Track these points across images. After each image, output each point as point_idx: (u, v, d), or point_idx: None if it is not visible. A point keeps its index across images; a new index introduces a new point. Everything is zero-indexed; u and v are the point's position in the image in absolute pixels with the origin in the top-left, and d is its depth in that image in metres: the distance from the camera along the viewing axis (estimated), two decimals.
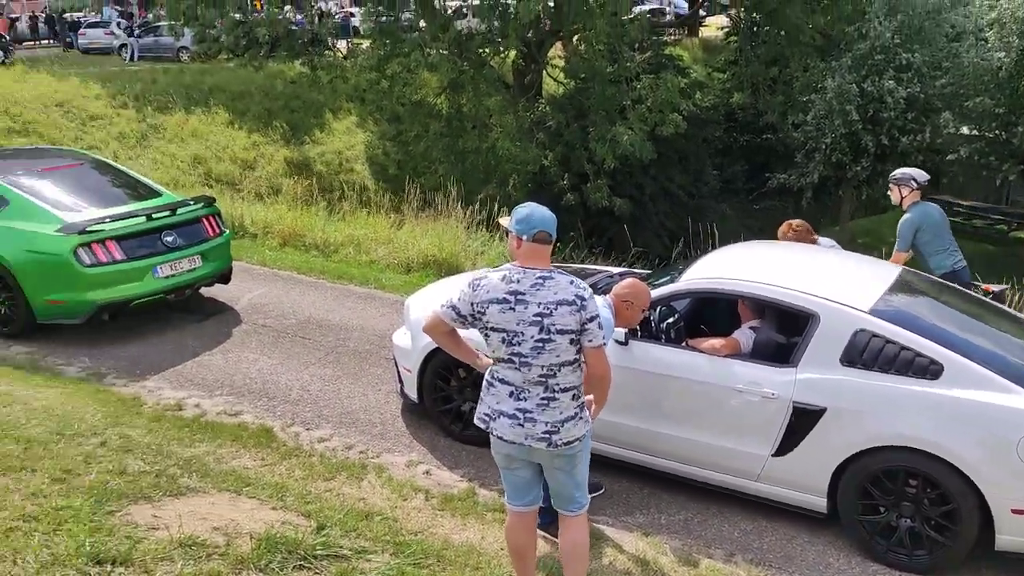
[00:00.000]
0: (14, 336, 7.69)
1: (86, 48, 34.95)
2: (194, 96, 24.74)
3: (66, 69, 26.02)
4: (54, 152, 10.37)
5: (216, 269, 8.48)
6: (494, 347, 3.63)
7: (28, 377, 6.70)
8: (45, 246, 7.41)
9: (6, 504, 4.06)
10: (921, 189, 6.82)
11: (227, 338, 7.96)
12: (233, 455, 5.56)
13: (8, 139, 19.99)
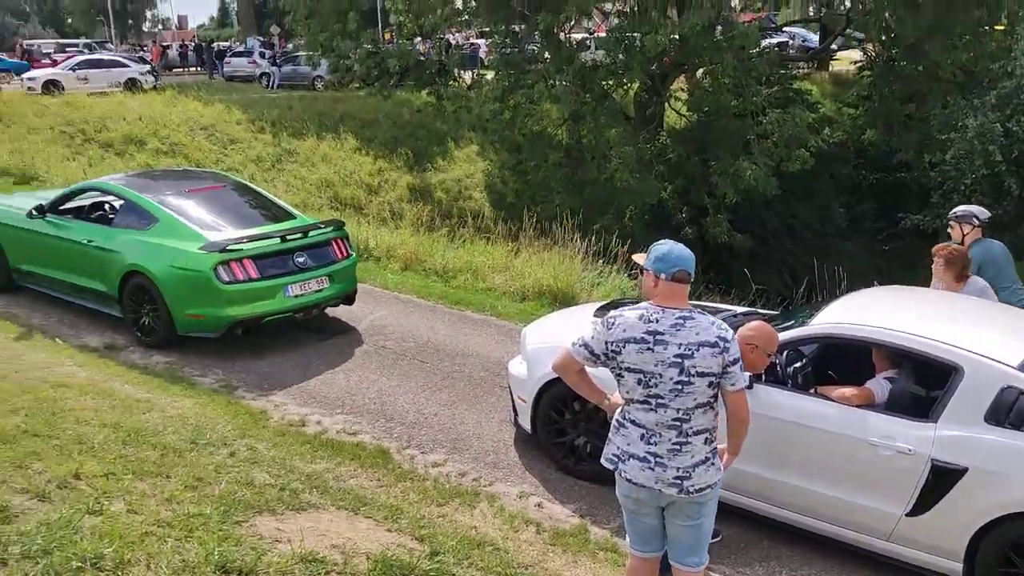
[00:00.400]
0: (156, 346, 8.14)
1: (230, 76, 37.04)
2: (326, 123, 25.82)
3: (211, 95, 27.62)
4: (199, 174, 10.99)
5: (342, 290, 8.75)
6: (628, 388, 3.54)
7: (167, 386, 7.06)
8: (189, 262, 7.82)
9: (143, 508, 4.26)
10: (982, 226, 6.60)
11: (349, 358, 8.18)
12: (351, 474, 5.67)
13: (157, 159, 21.36)
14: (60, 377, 6.67)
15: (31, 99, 25.23)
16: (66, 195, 9.31)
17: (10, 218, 9.34)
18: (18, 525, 3.53)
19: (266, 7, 54.07)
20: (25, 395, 5.84)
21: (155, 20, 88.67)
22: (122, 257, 8.18)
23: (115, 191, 8.91)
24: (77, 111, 23.52)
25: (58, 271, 8.87)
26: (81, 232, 8.66)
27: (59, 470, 4.32)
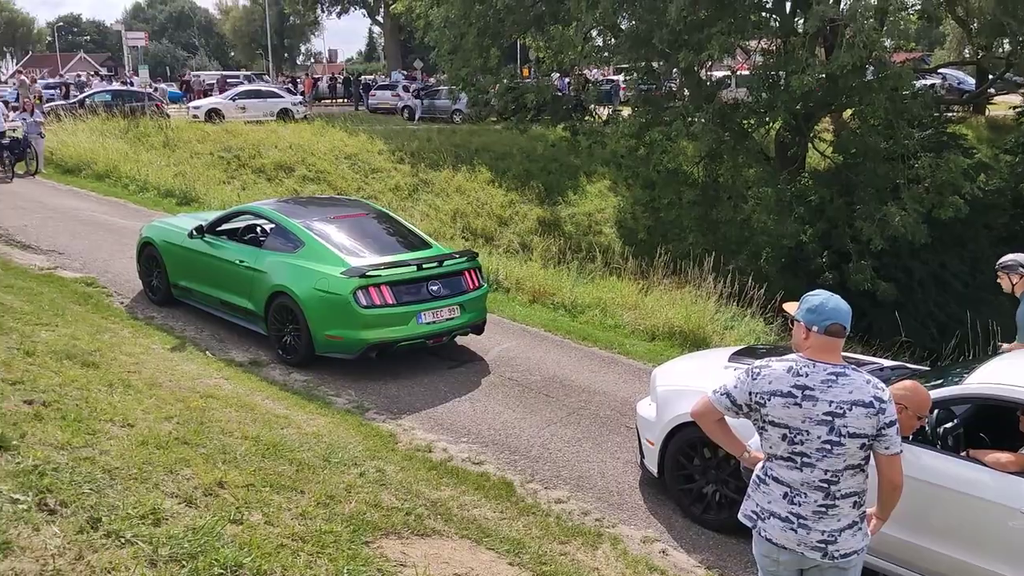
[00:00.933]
0: (296, 365, 8.50)
1: (374, 108, 38.64)
2: (461, 155, 26.49)
3: (356, 126, 28.88)
4: (344, 201, 11.48)
5: (472, 320, 8.92)
6: (771, 443, 3.41)
7: (303, 404, 7.36)
8: (330, 286, 8.18)
9: (279, 520, 4.43)
10: None
11: (475, 387, 8.29)
12: (475, 503, 5.72)
13: (303, 185, 22.46)
14: (208, 388, 7.06)
15: (195, 126, 27.08)
16: (223, 217, 9.98)
17: (173, 237, 10.04)
18: (167, 528, 3.74)
19: (411, 43, 56.17)
20: (177, 403, 6.20)
21: (308, 54, 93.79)
22: (269, 278, 8.65)
23: (267, 215, 9.45)
24: (234, 138, 25.09)
25: (211, 288, 9.46)
26: (234, 252, 9.23)
27: (205, 478, 4.55)
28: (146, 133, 24.17)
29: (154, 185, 18.34)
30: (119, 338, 8.36)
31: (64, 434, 4.63)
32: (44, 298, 9.39)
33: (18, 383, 5.45)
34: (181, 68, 77.31)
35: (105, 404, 5.56)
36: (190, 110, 30.89)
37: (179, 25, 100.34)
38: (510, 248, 20.11)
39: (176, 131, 25.21)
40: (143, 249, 10.43)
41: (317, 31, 79.09)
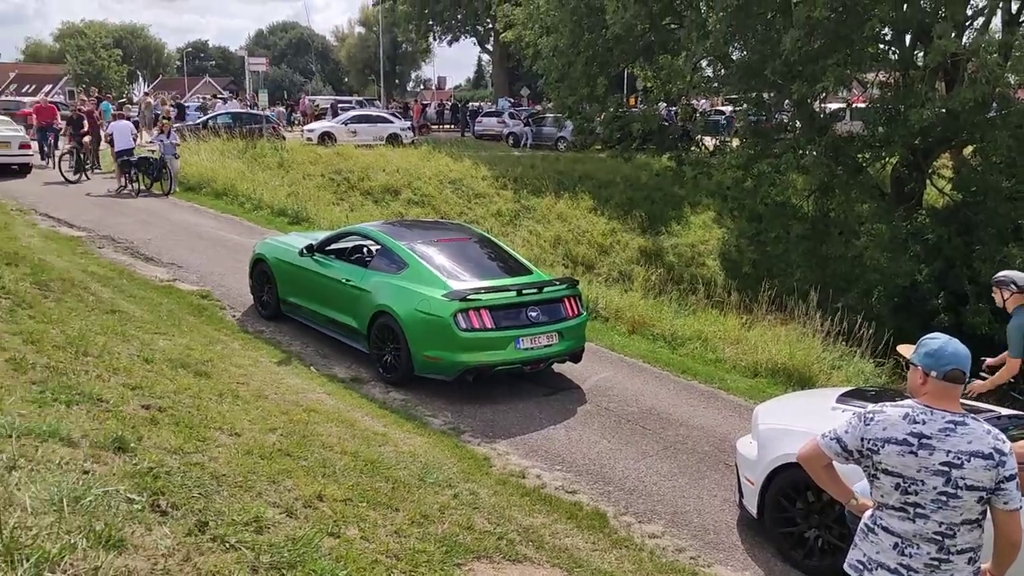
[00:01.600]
0: (395, 383, 8.65)
1: (480, 134, 39.34)
2: (564, 182, 26.62)
3: (461, 151, 29.45)
4: (448, 225, 11.73)
5: (570, 347, 8.90)
6: (883, 492, 3.25)
7: (401, 422, 7.49)
8: (431, 307, 8.33)
9: (375, 537, 4.51)
10: (1022, 292, 6.50)
11: (571, 415, 8.25)
12: (567, 532, 5.68)
13: (408, 208, 22.99)
14: (311, 402, 7.27)
15: (308, 148, 28.16)
16: (332, 237, 10.32)
17: (284, 254, 10.44)
18: (269, 536, 3.86)
19: (519, 71, 56.98)
20: (281, 416, 6.41)
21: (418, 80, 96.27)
22: (373, 297, 8.88)
23: (373, 236, 9.74)
24: (345, 161, 25.93)
25: (318, 305, 9.78)
26: (341, 271, 9.52)
27: (306, 490, 4.68)
28: (262, 154, 25.24)
29: (268, 204, 19.10)
30: (230, 350, 8.71)
31: (177, 439, 4.85)
32: (163, 308, 9.89)
33: (137, 388, 5.74)
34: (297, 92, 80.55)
35: (215, 412, 5.79)
36: (304, 133, 32.12)
37: (297, 51, 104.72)
38: (610, 277, 20.02)
39: (290, 153, 26.24)
40: (255, 265, 10.88)
41: (428, 58, 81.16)
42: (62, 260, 11.56)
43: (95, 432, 4.37)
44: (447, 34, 55.96)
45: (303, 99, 55.62)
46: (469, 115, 42.65)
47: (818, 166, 18.45)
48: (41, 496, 3.25)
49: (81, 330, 6.91)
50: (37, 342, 6.10)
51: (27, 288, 8.09)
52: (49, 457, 3.77)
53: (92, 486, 3.50)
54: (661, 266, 21.29)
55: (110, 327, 7.68)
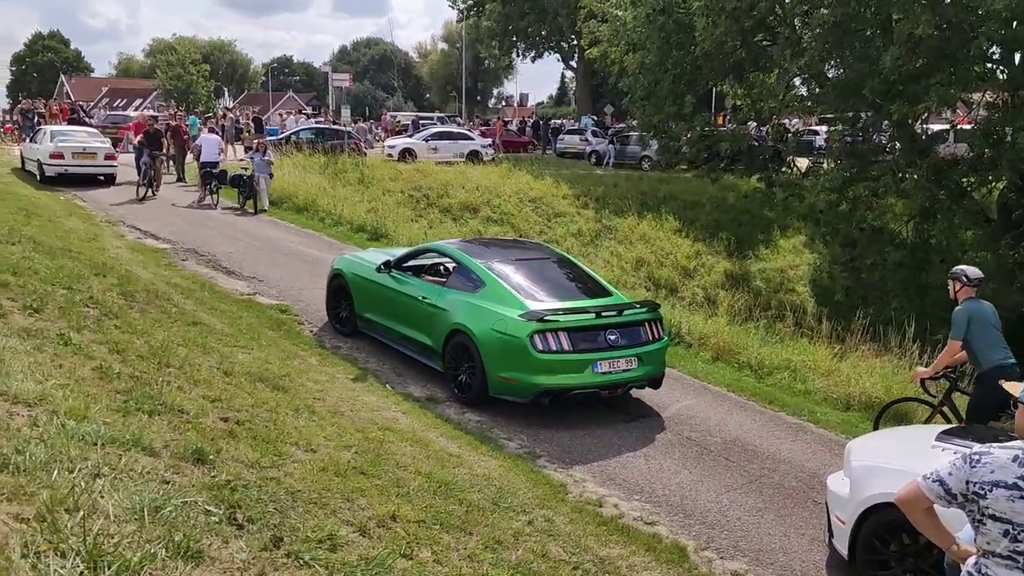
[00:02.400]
0: (470, 404, 8.70)
1: (562, 152, 39.45)
2: (648, 202, 26.44)
3: (542, 169, 29.57)
4: (526, 244, 11.83)
5: (649, 373, 8.85)
6: (990, 539, 3.11)
7: (476, 444, 7.52)
8: (508, 327, 8.39)
9: (447, 560, 4.53)
10: (973, 285, 7.48)
11: (650, 443, 8.15)
12: (644, 565, 5.60)
13: (486, 226, 23.18)
14: (386, 421, 7.37)
15: (389, 165, 28.71)
16: (410, 254, 10.56)
17: (362, 270, 10.65)
18: (342, 555, 3.91)
19: (603, 88, 57.04)
20: (357, 433, 6.52)
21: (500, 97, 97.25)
22: (449, 315, 8.99)
23: (450, 254, 9.90)
24: (425, 177, 26.33)
25: (394, 321, 9.94)
26: (417, 288, 9.68)
27: (380, 509, 4.74)
28: (343, 169, 25.85)
29: (348, 220, 19.54)
30: (307, 365, 8.92)
31: (254, 453, 4.97)
32: (243, 322, 10.20)
33: (216, 401, 5.92)
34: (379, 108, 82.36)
35: (291, 428, 5.92)
36: (385, 149, 32.78)
37: (380, 67, 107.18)
38: (694, 301, 19.75)
39: (371, 169, 26.79)
40: (333, 280, 11.11)
41: (510, 75, 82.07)
42: (147, 272, 12.04)
43: (175, 443, 4.52)
44: (531, 50, 56.42)
45: (385, 115, 56.84)
46: (551, 132, 42.81)
47: (919, 190, 17.89)
48: (123, 504, 3.37)
49: (164, 341, 7.17)
50: (122, 352, 6.35)
51: (114, 299, 8.44)
52: (131, 466, 3.91)
53: (172, 496, 3.62)
54: (748, 291, 20.91)
55: (192, 339, 7.95)
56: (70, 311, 7.05)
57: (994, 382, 6.72)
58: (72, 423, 4.21)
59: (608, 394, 8.71)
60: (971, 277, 7.50)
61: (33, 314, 6.59)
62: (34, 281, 7.78)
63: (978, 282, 7.53)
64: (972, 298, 7.46)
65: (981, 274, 7.63)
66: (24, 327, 6.08)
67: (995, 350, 7.32)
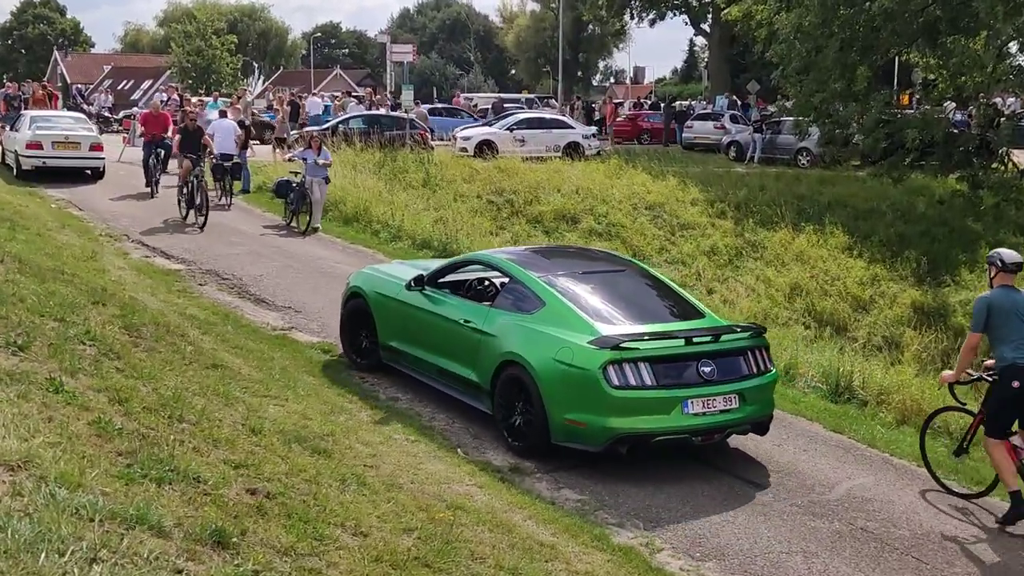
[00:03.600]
0: (525, 453, 8.93)
1: (690, 143, 39.27)
2: (807, 210, 26.11)
3: (664, 166, 29.48)
4: (596, 254, 12.18)
5: (754, 414, 9.02)
6: None
7: (575, 530, 7.48)
8: (575, 358, 8.53)
9: None
10: (1008, 271, 8.38)
11: (812, 536, 7.97)
12: None
13: (588, 240, 23.23)
14: (457, 497, 7.41)
15: (462, 162, 29.07)
16: (448, 266, 10.90)
17: (387, 288, 10.91)
18: None
19: (744, 59, 56.79)
20: (419, 512, 6.57)
21: (607, 72, 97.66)
22: (499, 343, 9.22)
23: (501, 266, 10.17)
24: (509, 178, 26.57)
25: (427, 351, 10.20)
26: (458, 310, 9.94)
27: None
28: (404, 168, 26.30)
29: (409, 233, 19.83)
30: (356, 421, 9.06)
31: (289, 536, 5.07)
32: (275, 365, 10.43)
33: (242, 467, 6.06)
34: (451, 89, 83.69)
35: (336, 503, 6.02)
36: (458, 141, 33.24)
37: (452, 36, 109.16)
38: (870, 343, 19.32)
39: (439, 167, 27.20)
40: (349, 301, 11.43)
41: (622, 43, 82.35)
42: (156, 299, 12.45)
43: (191, 520, 4.65)
44: (648, 11, 56.60)
45: (458, 97, 57.70)
46: (675, 117, 42.73)
47: None
48: None
49: (176, 389, 7.38)
50: (125, 402, 6.57)
51: (115, 334, 8.74)
52: (136, 549, 4.04)
53: None
54: (944, 329, 20.33)
55: (211, 386, 8.17)
56: (62, 349, 7.32)
57: (1007, 383, 8.15)
58: (64, 492, 4.38)
59: (702, 441, 8.90)
60: (1007, 261, 8.38)
61: (17, 352, 6.88)
62: (19, 311, 8.12)
63: (1015, 268, 8.40)
64: (1006, 286, 8.39)
65: (1020, 258, 8.46)
66: (6, 369, 6.35)
67: (1012, 347, 8.14)
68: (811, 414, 11.00)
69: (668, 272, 22.17)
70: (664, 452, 9.12)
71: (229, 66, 71.13)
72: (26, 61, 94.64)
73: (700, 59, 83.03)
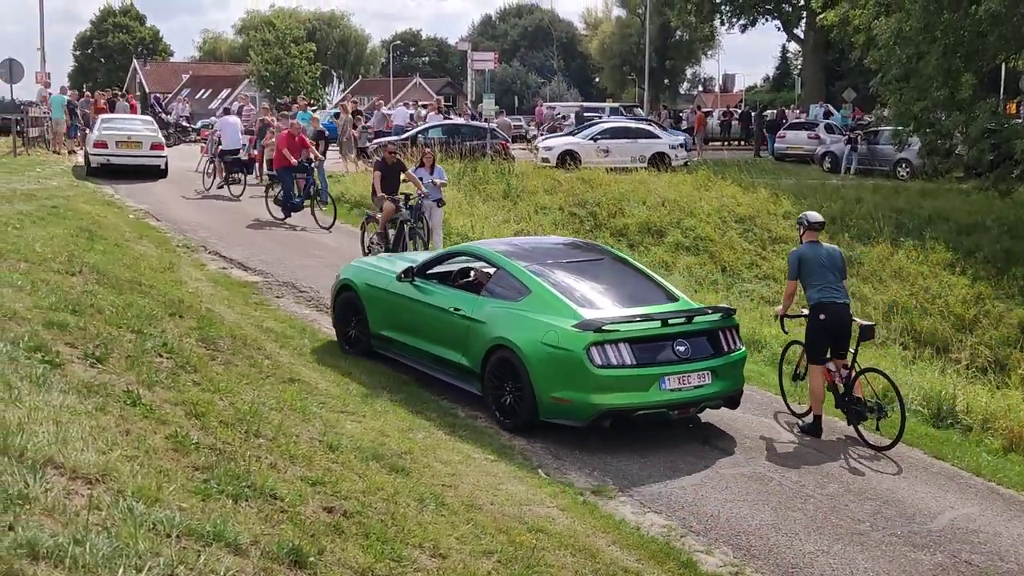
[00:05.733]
0: (515, 430, 9.82)
1: (782, 154, 38.88)
2: (906, 224, 25.72)
3: (755, 178, 29.24)
4: (578, 243, 13.58)
5: (726, 389, 10.12)
6: None
7: (661, 557, 7.38)
8: (560, 340, 9.50)
9: None
10: (813, 229, 10.73)
11: (912, 570, 7.79)
12: None
13: (675, 256, 23.13)
14: (538, 519, 7.40)
15: (544, 173, 29.17)
16: (436, 258, 12.01)
17: (377, 279, 11.89)
18: None
19: (840, 65, 56.08)
20: (499, 534, 6.58)
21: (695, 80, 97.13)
22: (488, 329, 10.19)
23: (488, 257, 11.20)
24: (592, 190, 26.59)
25: (419, 339, 11.17)
26: (448, 299, 10.92)
27: None
28: (484, 180, 26.46)
29: None
30: (435, 439, 9.12)
31: (366, 556, 5.11)
32: (353, 380, 10.58)
33: (318, 484, 6.13)
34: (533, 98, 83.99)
35: (414, 523, 6.05)
36: (539, 151, 33.33)
37: (534, 43, 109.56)
38: (974, 365, 18.85)
39: (520, 178, 27.30)
40: (340, 293, 12.40)
41: (711, 50, 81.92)
42: (233, 312, 12.68)
43: (267, 538, 4.71)
44: (739, 16, 56.21)
45: (540, 106, 57.85)
46: (767, 127, 42.34)
47: None
48: None
49: (253, 403, 7.50)
50: (202, 416, 6.70)
51: (193, 346, 8.93)
52: (212, 567, 4.09)
53: None
54: None
55: (288, 401, 8.29)
56: (139, 362, 7.50)
57: (816, 316, 10.41)
58: (141, 507, 4.46)
59: (678, 415, 9.95)
60: (811, 221, 10.80)
61: (95, 365, 7.06)
62: (97, 322, 8.34)
63: (819, 226, 10.83)
64: (812, 242, 10.67)
65: (821, 218, 11.11)
66: (85, 381, 6.51)
67: (817, 289, 10.40)
68: (911, 439, 10.76)
69: (759, 288, 22.06)
70: (755, 475, 9.06)
71: (308, 75, 72.06)
72: (106, 70, 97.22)
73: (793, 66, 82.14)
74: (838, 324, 10.42)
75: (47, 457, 4.74)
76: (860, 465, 9.74)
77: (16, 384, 5.92)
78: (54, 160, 29.58)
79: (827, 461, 9.82)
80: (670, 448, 9.82)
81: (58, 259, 11.37)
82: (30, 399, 5.66)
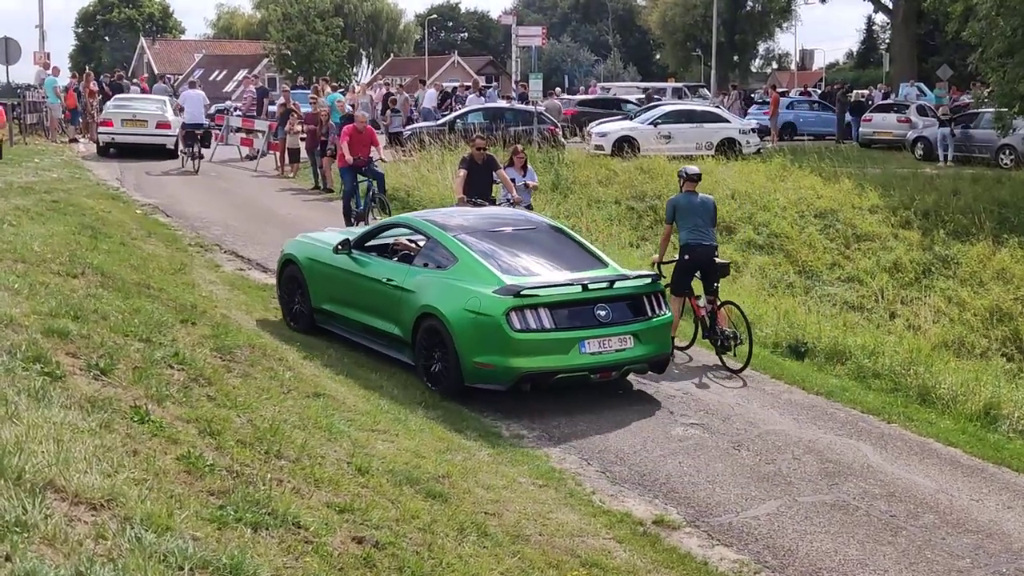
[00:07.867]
0: (445, 395, 10.87)
1: (868, 139, 38.47)
2: (1010, 219, 25.40)
3: (837, 167, 28.95)
4: (511, 213, 14.54)
5: (650, 353, 11.26)
6: None
7: None
8: (482, 306, 10.61)
9: None
10: (691, 180, 13.53)
11: None
12: None
13: (746, 254, 22.99)
14: (593, 552, 7.38)
15: (598, 162, 29.07)
16: (372, 230, 13.26)
17: (318, 253, 12.96)
18: None
19: (933, 40, 55.51)
20: (549, 569, 6.57)
21: (769, 57, 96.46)
22: (417, 297, 11.32)
23: (419, 227, 12.41)
24: (652, 181, 26.50)
25: (355, 311, 12.29)
26: (381, 270, 12.07)
27: None
28: None
29: None
30: (475, 462, 9.09)
31: None
32: (384, 395, 10.59)
33: (347, 511, 6.14)
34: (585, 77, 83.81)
35: (453, 556, 6.05)
36: (592, 138, 33.21)
37: (586, 16, 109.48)
38: None
39: (571, 168, 27.22)
40: (284, 268, 13.56)
41: (787, 23, 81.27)
42: (252, 318, 12.76)
43: (290, 572, 4.74)
44: None
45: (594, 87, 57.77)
46: (850, 110, 41.97)
47: None
48: None
49: (274, 420, 7.53)
50: (217, 434, 6.73)
51: (207, 356, 8.98)
52: None
53: None
54: None
55: (312, 418, 8.32)
56: (148, 373, 7.55)
57: (683, 255, 13.08)
58: (151, 536, 4.49)
59: (600, 378, 11.08)
60: (690, 174, 13.56)
61: (99, 377, 7.11)
62: (101, 330, 8.41)
63: (696, 178, 13.58)
64: (689, 192, 13.40)
65: (697, 170, 13.94)
66: (88, 395, 6.56)
67: (688, 231, 13.01)
68: (1017, 464, 10.61)
69: (842, 291, 21.89)
70: (845, 506, 8.94)
71: (334, 53, 71.82)
72: (110, 49, 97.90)
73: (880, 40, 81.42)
74: (703, 262, 13.04)
75: (47, 480, 4.78)
76: (960, 495, 9.50)
77: (13, 399, 5.97)
78: (53, 149, 29.95)
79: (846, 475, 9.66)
80: (735, 473, 9.68)
81: (58, 259, 11.46)
82: (28, 415, 5.71)
